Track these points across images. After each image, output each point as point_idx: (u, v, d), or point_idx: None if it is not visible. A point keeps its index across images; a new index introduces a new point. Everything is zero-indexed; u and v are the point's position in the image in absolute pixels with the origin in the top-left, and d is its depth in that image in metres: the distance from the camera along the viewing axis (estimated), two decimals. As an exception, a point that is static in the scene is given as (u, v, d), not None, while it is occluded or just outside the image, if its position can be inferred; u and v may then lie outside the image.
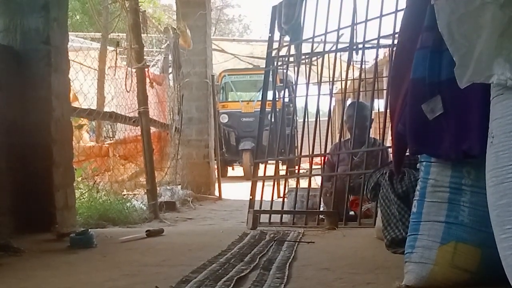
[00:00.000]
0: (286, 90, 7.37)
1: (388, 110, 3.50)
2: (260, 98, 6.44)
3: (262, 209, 4.77)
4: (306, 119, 4.97)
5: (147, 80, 6.14)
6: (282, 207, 4.76)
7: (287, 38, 5.36)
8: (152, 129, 6.64)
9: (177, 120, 7.62)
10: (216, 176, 8.78)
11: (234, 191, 9.07)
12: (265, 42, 6.28)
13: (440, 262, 2.01)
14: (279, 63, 5.52)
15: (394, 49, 3.57)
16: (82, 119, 6.89)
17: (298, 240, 3.27)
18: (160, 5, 17.02)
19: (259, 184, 5.17)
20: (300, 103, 17.39)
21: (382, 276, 2.33)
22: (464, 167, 2.03)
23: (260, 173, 5.41)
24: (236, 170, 14.44)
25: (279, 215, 4.60)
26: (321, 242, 3.33)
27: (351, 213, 4.58)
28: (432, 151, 2.10)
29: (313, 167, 5.34)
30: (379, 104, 7.26)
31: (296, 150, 10.78)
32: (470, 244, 1.99)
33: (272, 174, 6.57)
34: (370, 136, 4.92)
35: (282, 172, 7.10)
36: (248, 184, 5.03)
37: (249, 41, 19.46)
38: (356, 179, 4.55)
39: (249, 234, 3.60)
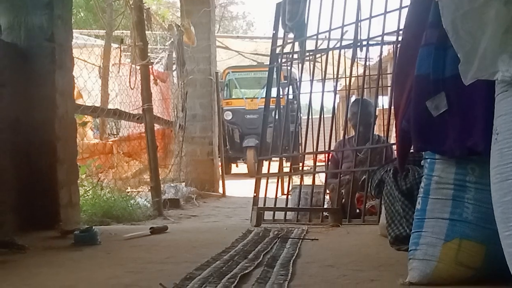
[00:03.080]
0: (290, 87, 7.37)
1: (392, 107, 3.49)
2: (264, 95, 6.43)
3: (266, 206, 4.76)
4: (310, 116, 4.96)
5: (151, 77, 6.14)
6: (286, 204, 4.76)
7: (291, 35, 5.35)
8: (156, 126, 6.64)
9: (181, 117, 7.63)
10: (220, 173, 8.78)
11: (238, 188, 9.07)
12: (269, 39, 6.28)
13: (444, 259, 2.00)
14: (283, 60, 5.51)
15: (399, 46, 3.56)
16: (86, 116, 6.90)
17: (302, 237, 3.27)
18: (164, 2, 17.01)
19: (263, 181, 5.17)
20: (304, 100, 17.40)
21: (386, 273, 2.33)
22: (469, 164, 2.03)
23: (264, 170, 5.40)
24: (240, 167, 14.44)
25: (283, 212, 4.59)
26: (325, 239, 3.33)
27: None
28: (436, 148, 2.10)
29: (317, 164, 5.34)
30: (383, 101, 7.25)
31: (300, 147, 10.77)
32: (474, 241, 1.99)
33: (276, 171, 6.57)
34: (374, 133, 4.90)
35: (286, 169, 7.09)
36: (252, 181, 5.03)
37: (253, 38, 19.43)
38: (362, 175, 4.54)
39: (253, 231, 3.60)
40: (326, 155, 5.15)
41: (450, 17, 1.74)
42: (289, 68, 5.71)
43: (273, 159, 5.90)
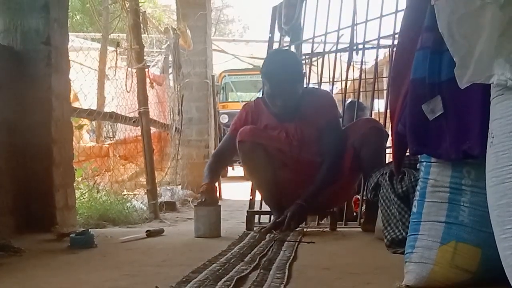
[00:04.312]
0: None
1: (388, 111, 3.50)
2: (260, 99, 6.44)
3: (262, 209, 4.76)
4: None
5: (147, 81, 6.14)
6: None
7: (287, 38, 5.37)
8: (152, 130, 6.64)
9: (177, 120, 7.62)
10: (216, 176, 8.76)
11: (234, 191, 9.06)
12: (265, 43, 6.29)
13: (440, 262, 2.01)
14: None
15: (394, 49, 3.57)
16: (82, 119, 6.90)
17: (298, 240, 3.27)
18: (160, 5, 17.02)
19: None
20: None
21: (382, 276, 2.33)
22: (464, 167, 2.03)
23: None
24: (237, 170, 14.43)
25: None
26: (321, 242, 3.33)
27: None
28: (432, 151, 2.10)
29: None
30: (379, 104, 7.26)
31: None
32: (470, 244, 1.99)
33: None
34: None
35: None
36: (248, 184, 5.02)
37: (249, 41, 19.47)
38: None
39: (249, 234, 3.60)
40: None
41: (446, 21, 1.74)
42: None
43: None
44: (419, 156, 2.22)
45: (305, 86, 4.08)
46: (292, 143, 3.76)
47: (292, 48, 5.30)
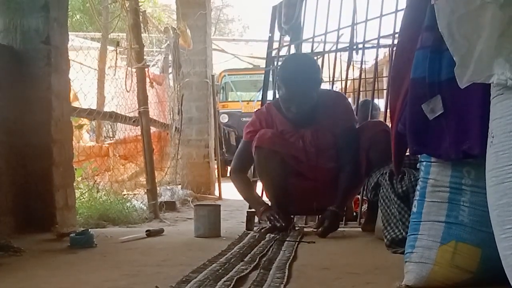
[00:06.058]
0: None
1: (388, 110, 3.50)
2: (260, 98, 6.44)
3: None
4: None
5: (147, 80, 6.14)
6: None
7: (287, 38, 5.36)
8: (152, 129, 6.64)
9: (177, 120, 7.62)
10: (216, 176, 8.78)
11: (234, 191, 9.04)
12: (265, 42, 6.30)
13: (440, 262, 2.01)
14: (279, 63, 5.52)
15: (394, 49, 3.57)
16: (82, 119, 6.89)
17: (298, 240, 3.27)
18: (160, 4, 17.00)
19: (259, 184, 5.16)
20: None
21: (382, 276, 2.33)
22: (464, 167, 2.03)
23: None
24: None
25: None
26: (321, 242, 3.33)
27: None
28: (432, 151, 2.10)
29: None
30: (379, 104, 7.26)
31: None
32: (470, 244, 1.99)
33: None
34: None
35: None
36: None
37: (249, 41, 19.47)
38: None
39: (249, 234, 3.60)
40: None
41: (446, 20, 1.74)
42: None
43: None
44: (419, 156, 2.22)
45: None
46: (309, 150, 3.76)
47: (292, 48, 5.30)
